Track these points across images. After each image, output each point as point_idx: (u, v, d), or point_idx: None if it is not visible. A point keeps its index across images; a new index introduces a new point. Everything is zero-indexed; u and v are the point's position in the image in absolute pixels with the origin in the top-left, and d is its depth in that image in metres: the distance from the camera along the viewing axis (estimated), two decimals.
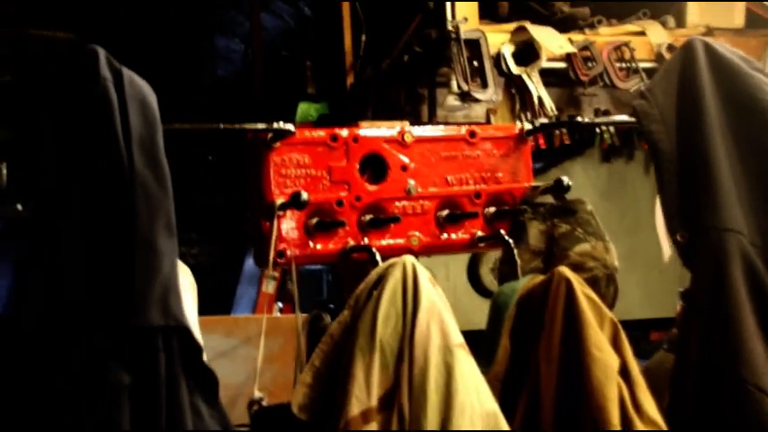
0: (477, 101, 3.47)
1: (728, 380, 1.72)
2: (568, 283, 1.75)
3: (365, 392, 1.62)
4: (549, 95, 3.25)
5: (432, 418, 1.58)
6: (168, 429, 1.44)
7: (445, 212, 2.02)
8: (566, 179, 2.00)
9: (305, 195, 1.79)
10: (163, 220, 1.49)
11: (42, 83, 1.53)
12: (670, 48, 3.30)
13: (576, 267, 1.93)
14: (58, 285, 1.44)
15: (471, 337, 3.64)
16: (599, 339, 1.69)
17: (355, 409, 1.61)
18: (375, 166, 1.98)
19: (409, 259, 1.70)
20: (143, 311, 1.43)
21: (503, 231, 2.00)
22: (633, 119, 2.03)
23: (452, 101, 3.65)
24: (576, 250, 1.94)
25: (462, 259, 2.82)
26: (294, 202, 1.78)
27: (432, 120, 3.67)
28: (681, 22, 3.54)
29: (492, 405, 1.62)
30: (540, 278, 1.83)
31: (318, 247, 1.89)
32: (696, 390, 1.78)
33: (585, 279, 1.92)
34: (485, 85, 3.36)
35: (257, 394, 1.75)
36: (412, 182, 1.99)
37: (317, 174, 1.89)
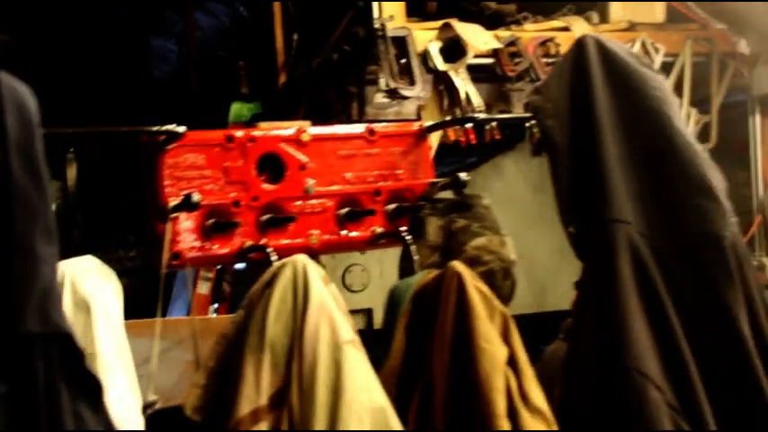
0: (405, 98, 3.50)
1: (614, 366, 1.77)
2: (460, 277, 1.77)
3: (255, 391, 1.63)
4: (477, 91, 3.28)
5: (320, 416, 1.59)
6: None
7: (345, 210, 2.04)
8: (463, 175, 2.04)
9: (196, 197, 1.79)
10: (41, 227, 1.48)
11: None
12: None
13: (473, 261, 1.96)
14: None
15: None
16: (488, 332, 1.72)
17: (245, 408, 1.62)
18: (274, 166, 1.98)
19: (300, 259, 1.72)
20: (21, 319, 1.42)
21: (401, 228, 2.02)
22: (529, 114, 2.07)
23: (381, 98, 3.67)
24: (473, 244, 1.97)
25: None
26: (185, 203, 1.78)
27: (361, 117, 3.69)
28: (604, 18, 3.60)
29: (381, 400, 1.64)
30: (435, 273, 1.85)
31: (215, 247, 1.89)
32: (586, 376, 1.83)
33: (482, 272, 1.95)
34: (412, 83, 3.38)
35: (151, 397, 1.75)
36: (310, 181, 2.00)
37: (213, 175, 1.90)
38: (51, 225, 1.49)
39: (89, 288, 3.27)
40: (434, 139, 3.26)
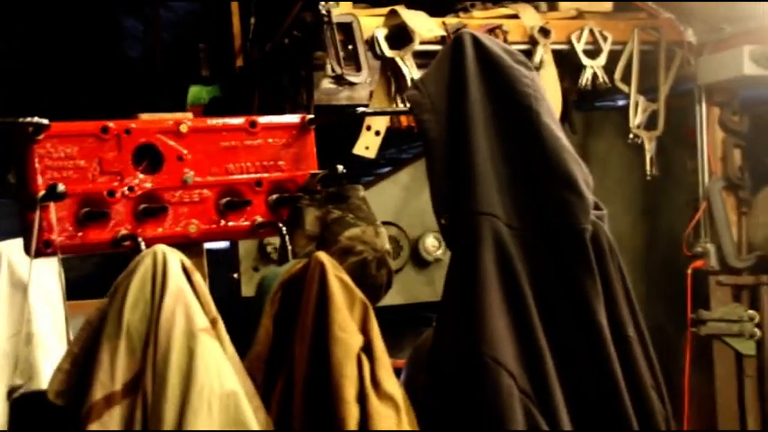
0: (351, 84, 3.55)
1: (470, 353, 1.83)
2: (322, 266, 1.83)
3: (109, 377, 1.68)
4: None
5: (171, 401, 1.65)
6: None
7: (225, 200, 2.08)
8: (340, 167, 2.08)
9: (61, 187, 1.83)
10: None
11: None
12: (542, 30, 3.41)
13: (346, 251, 2.01)
14: None
15: (415, 310, 3.71)
16: (344, 321, 1.77)
17: (98, 393, 1.67)
18: (152, 157, 2.02)
19: (161, 248, 1.76)
20: None
21: (276, 218, 2.07)
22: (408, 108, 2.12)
23: (328, 84, 3.72)
24: (346, 234, 2.02)
25: None
26: (50, 194, 1.82)
27: (310, 103, 3.73)
28: (553, 6, 3.65)
29: (233, 386, 1.69)
30: (303, 262, 1.90)
31: (89, 236, 1.93)
32: (446, 363, 1.89)
33: (355, 262, 2.01)
34: (359, 69, 3.43)
35: (17, 381, 1.80)
36: (189, 172, 2.04)
37: (86, 165, 1.93)
38: None
39: (26, 269, 3.32)
40: (382, 123, 3.33)
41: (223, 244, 3.68)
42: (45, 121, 1.85)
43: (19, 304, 3.32)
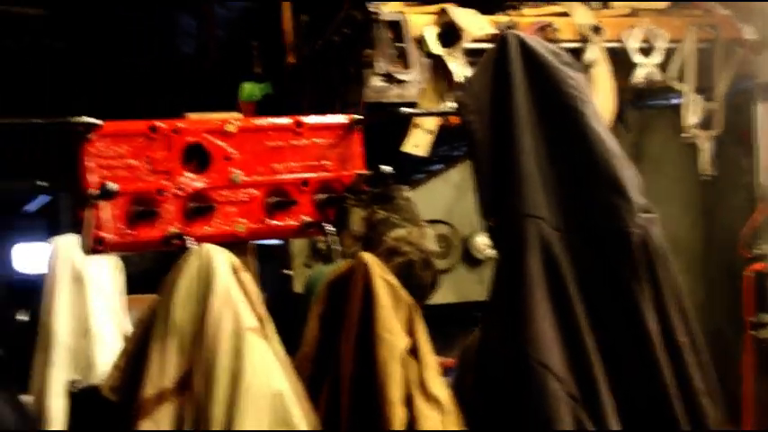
0: (400, 81, 3.55)
1: (517, 357, 1.82)
2: (367, 267, 1.83)
3: (160, 375, 1.70)
4: None
5: (220, 399, 1.67)
6: None
7: (273, 200, 2.09)
8: (386, 168, 2.08)
9: (112, 186, 1.86)
10: None
11: None
12: (595, 28, 3.38)
13: (392, 252, 2.01)
14: None
15: (466, 309, 3.75)
16: (389, 322, 1.77)
17: (150, 390, 1.69)
18: (201, 156, 2.04)
19: (208, 247, 1.78)
20: None
21: (322, 218, 2.08)
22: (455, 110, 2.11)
23: (377, 81, 3.73)
24: (392, 235, 2.01)
25: None
26: (102, 192, 1.85)
27: (359, 101, 3.75)
28: (606, 4, 3.61)
29: (280, 386, 1.70)
30: (349, 263, 1.91)
31: (139, 234, 1.96)
32: (492, 366, 1.88)
33: (401, 263, 2.00)
34: (408, 66, 3.43)
35: (75, 376, 1.84)
36: (236, 171, 2.06)
37: (137, 164, 1.96)
38: None
39: (84, 263, 3.40)
40: (431, 121, 3.33)
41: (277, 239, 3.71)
42: (96, 121, 1.88)
43: (78, 298, 3.39)
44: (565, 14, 3.49)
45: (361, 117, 2.16)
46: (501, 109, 1.99)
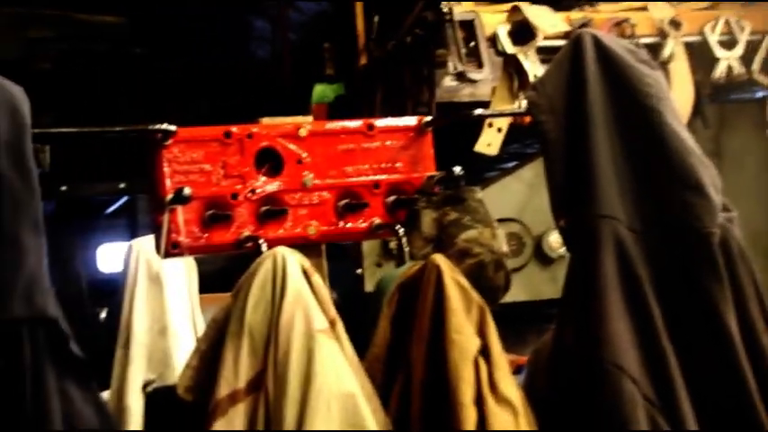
0: (473, 81, 3.55)
1: (591, 358, 1.79)
2: (438, 269, 1.83)
3: (233, 375, 1.73)
4: None
5: (291, 400, 1.69)
6: (34, 412, 1.57)
7: (344, 202, 2.11)
8: (457, 169, 2.08)
9: (187, 190, 1.90)
10: (29, 219, 1.61)
11: None
12: (673, 23, 3.31)
13: (463, 253, 2.00)
14: None
15: (537, 307, 3.76)
16: (460, 323, 1.77)
17: (224, 390, 1.72)
18: (273, 160, 2.07)
19: (280, 250, 1.81)
20: (6, 304, 1.56)
21: (393, 220, 2.09)
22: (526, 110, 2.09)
23: (449, 81, 3.73)
24: (463, 237, 2.01)
25: None
26: (177, 197, 1.89)
27: (431, 101, 3.76)
28: None
29: (351, 387, 1.71)
30: (420, 264, 1.91)
31: (213, 238, 2.00)
32: (566, 368, 1.86)
33: (472, 264, 2.00)
34: (480, 66, 3.43)
35: (150, 376, 1.88)
36: (309, 174, 2.08)
37: (211, 169, 2.00)
38: (39, 218, 1.62)
39: (161, 264, 3.49)
40: (503, 120, 3.32)
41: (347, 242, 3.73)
42: (172, 128, 1.92)
43: (156, 298, 3.48)
44: (642, 9, 3.42)
45: (432, 118, 2.16)
46: (575, 108, 1.97)
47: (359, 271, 3.74)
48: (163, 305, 3.41)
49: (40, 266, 1.61)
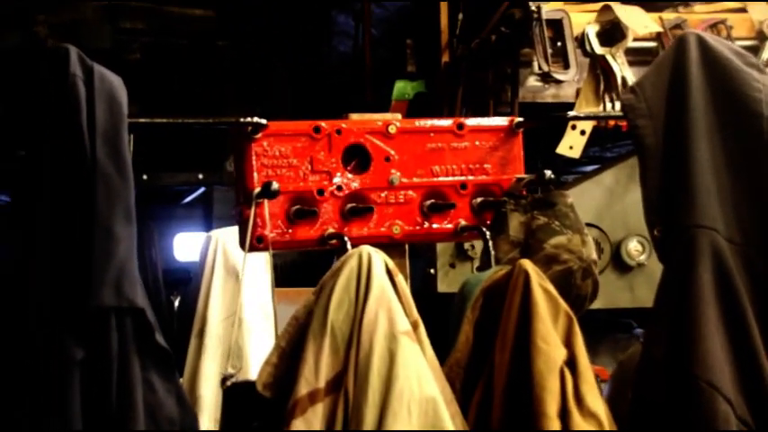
0: (557, 81, 3.49)
1: (683, 375, 1.73)
2: (526, 275, 1.78)
3: (314, 374, 1.71)
4: (636, 76, 3.22)
5: (372, 402, 1.66)
6: (118, 399, 1.58)
7: (430, 202, 2.08)
8: (548, 172, 2.02)
9: (275, 185, 1.89)
10: (122, 208, 1.62)
11: (23, 81, 1.67)
12: None
13: (551, 259, 1.95)
14: (26, 265, 1.61)
15: (612, 316, 3.68)
16: (547, 332, 1.72)
17: (303, 389, 1.70)
18: (360, 157, 2.05)
19: (366, 249, 1.78)
20: (97, 292, 1.57)
21: (479, 222, 2.04)
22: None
23: (533, 81, 3.68)
24: (552, 242, 1.96)
25: None
26: (264, 191, 1.88)
27: (514, 101, 3.71)
28: None
29: (432, 391, 1.68)
30: (506, 269, 1.86)
31: (298, 233, 1.99)
32: (655, 383, 1.79)
33: (559, 271, 1.94)
34: (567, 66, 3.37)
35: (229, 370, 1.88)
36: (396, 172, 2.05)
37: (299, 164, 1.99)
38: (131, 207, 1.63)
39: (240, 257, 3.51)
40: (587, 123, 3.25)
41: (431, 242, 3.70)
42: (263, 121, 1.91)
43: (231, 290, 3.51)
44: (741, 11, 3.30)
45: (524, 119, 2.11)
46: (675, 114, 1.90)
47: (431, 271, 3.71)
48: (238, 297, 3.44)
49: (130, 256, 1.62)
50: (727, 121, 1.89)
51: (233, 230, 3.64)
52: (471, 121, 2.11)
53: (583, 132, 3.29)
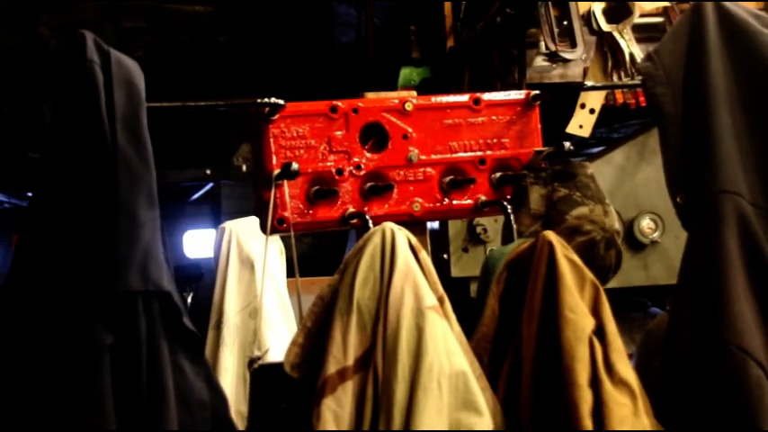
0: (565, 61, 3.47)
1: (713, 340, 1.72)
2: (551, 246, 1.77)
3: (342, 352, 1.70)
4: (644, 52, 3.21)
5: (402, 377, 1.65)
6: (148, 383, 1.57)
7: (449, 178, 2.07)
8: (567, 144, 2.01)
9: (295, 166, 1.88)
10: (144, 192, 1.62)
11: (41, 68, 1.67)
12: None
13: (574, 231, 1.94)
14: (51, 253, 1.60)
15: (626, 294, 3.66)
16: (574, 302, 1.71)
17: (332, 367, 1.70)
18: (378, 135, 2.04)
19: (389, 226, 1.77)
20: (124, 277, 1.57)
21: (499, 197, 2.03)
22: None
23: (541, 62, 3.66)
24: (574, 214, 1.95)
25: None
26: (284, 172, 1.88)
27: (521, 82, 3.69)
28: None
29: (461, 365, 1.67)
30: (529, 242, 1.85)
31: (319, 214, 1.98)
32: (685, 350, 1.78)
33: (583, 242, 1.93)
34: (574, 45, 3.35)
35: (257, 353, 1.87)
36: (414, 150, 2.04)
37: (317, 144, 1.98)
38: (153, 191, 1.62)
39: (253, 247, 3.52)
40: (597, 101, 3.24)
41: (432, 223, 3.69)
42: (281, 102, 1.91)
43: (246, 280, 3.50)
44: None
45: (541, 92, 2.10)
46: (694, 79, 1.89)
47: (444, 256, 3.70)
48: (253, 287, 3.44)
49: (155, 239, 1.61)
50: (746, 84, 1.87)
51: (246, 221, 3.64)
52: (488, 96, 2.11)
53: (592, 111, 3.28)
